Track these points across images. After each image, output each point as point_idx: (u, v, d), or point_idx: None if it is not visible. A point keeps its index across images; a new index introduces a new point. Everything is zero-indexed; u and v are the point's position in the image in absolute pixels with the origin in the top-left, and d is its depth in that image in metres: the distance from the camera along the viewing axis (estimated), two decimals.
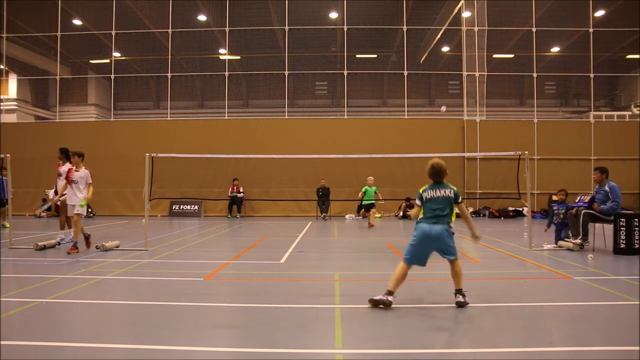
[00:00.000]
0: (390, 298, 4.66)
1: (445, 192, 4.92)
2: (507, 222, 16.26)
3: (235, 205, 18.59)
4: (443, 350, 3.67)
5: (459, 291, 4.84)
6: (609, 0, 19.95)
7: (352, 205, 18.60)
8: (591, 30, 19.34)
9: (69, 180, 8.75)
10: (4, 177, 13.20)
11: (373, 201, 14.54)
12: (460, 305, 4.74)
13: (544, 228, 9.88)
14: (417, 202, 5.08)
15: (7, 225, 13.23)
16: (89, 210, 18.35)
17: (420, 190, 5.05)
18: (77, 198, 8.60)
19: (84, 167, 8.79)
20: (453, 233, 4.94)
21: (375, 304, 4.66)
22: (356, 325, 4.29)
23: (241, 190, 18.58)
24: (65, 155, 9.76)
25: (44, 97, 25.94)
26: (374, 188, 14.54)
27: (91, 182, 8.80)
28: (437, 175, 4.99)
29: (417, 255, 4.91)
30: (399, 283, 4.79)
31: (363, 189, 14.49)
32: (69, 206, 8.88)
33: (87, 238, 8.95)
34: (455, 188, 5.02)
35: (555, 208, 9.63)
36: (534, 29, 19.49)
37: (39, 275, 6.50)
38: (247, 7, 21.27)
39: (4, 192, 13.30)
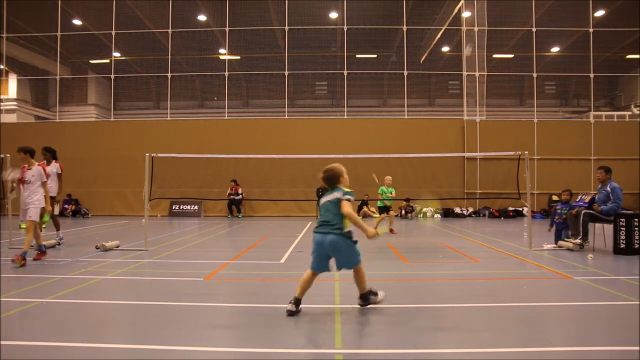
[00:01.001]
0: (293, 308, 4.43)
1: (332, 196, 4.51)
2: (507, 222, 16.26)
3: (234, 205, 18.60)
4: (443, 350, 3.67)
5: (362, 296, 4.67)
6: (609, 0, 19.95)
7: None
8: (591, 30, 19.34)
9: (22, 181, 7.82)
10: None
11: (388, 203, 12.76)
12: (362, 305, 4.66)
13: (548, 228, 9.84)
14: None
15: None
16: (84, 211, 18.38)
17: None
18: (32, 200, 7.64)
19: (37, 164, 7.94)
20: (353, 240, 4.50)
21: (289, 314, 4.42)
22: (356, 325, 4.29)
23: (240, 191, 18.58)
24: (52, 154, 9.69)
25: (44, 97, 25.95)
26: (390, 189, 12.83)
27: (46, 180, 7.84)
28: (329, 181, 4.64)
29: (319, 262, 4.54)
30: (304, 290, 4.55)
31: (379, 190, 12.84)
32: (22, 210, 7.78)
33: (42, 251, 7.86)
34: (347, 190, 4.58)
35: (558, 208, 9.62)
36: (534, 29, 19.49)
37: (39, 275, 6.50)
38: (247, 7, 21.28)
39: None
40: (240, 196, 18.59)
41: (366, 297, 4.70)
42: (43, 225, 9.16)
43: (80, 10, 21.47)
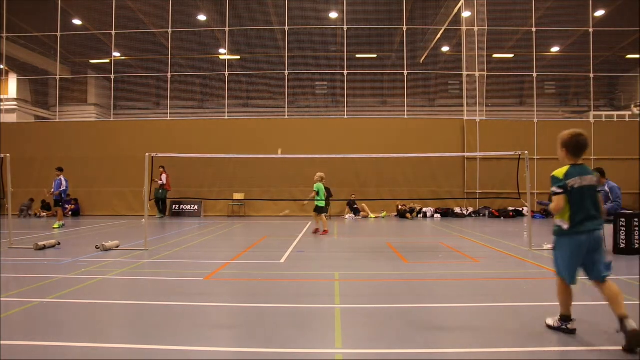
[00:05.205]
0: None
1: None
2: (507, 222, 16.25)
3: (162, 201, 17.85)
4: (443, 350, 3.67)
5: None
6: (609, 0, 19.95)
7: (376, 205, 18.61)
8: (591, 30, 19.34)
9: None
10: (60, 178, 13.40)
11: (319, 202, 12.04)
12: None
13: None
14: None
15: (56, 226, 13.35)
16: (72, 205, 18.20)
17: None
18: None
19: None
20: None
21: None
22: (356, 325, 4.29)
23: (163, 179, 17.66)
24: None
25: (44, 97, 25.97)
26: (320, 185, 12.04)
27: None
28: None
29: None
30: None
31: (317, 187, 11.93)
32: None
33: None
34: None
35: None
36: (534, 29, 19.49)
37: (39, 275, 6.50)
38: (247, 7, 21.27)
39: (62, 192, 13.53)
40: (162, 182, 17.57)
41: None
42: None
43: (80, 10, 21.47)
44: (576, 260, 3.86)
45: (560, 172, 3.88)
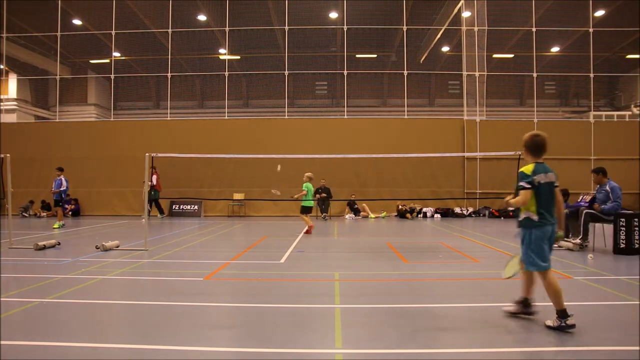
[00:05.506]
0: None
1: None
2: (507, 222, 16.25)
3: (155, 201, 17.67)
4: (443, 350, 3.67)
5: None
6: (609, 0, 19.95)
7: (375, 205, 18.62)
8: (591, 30, 19.34)
9: None
10: (60, 178, 13.42)
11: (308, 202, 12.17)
12: None
13: None
14: None
15: (56, 226, 13.37)
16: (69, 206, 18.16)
17: None
18: None
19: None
20: None
21: None
22: (356, 325, 4.29)
23: (153, 181, 17.14)
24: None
25: (44, 97, 25.97)
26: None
27: None
28: None
29: None
30: None
31: (306, 187, 12.11)
32: None
33: None
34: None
35: None
36: (534, 29, 19.48)
37: (39, 275, 6.50)
38: (247, 7, 21.27)
39: (62, 192, 13.55)
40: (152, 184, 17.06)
41: None
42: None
43: (80, 10, 21.47)
44: (546, 247, 4.15)
45: (527, 169, 4.19)
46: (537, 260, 4.11)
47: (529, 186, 4.11)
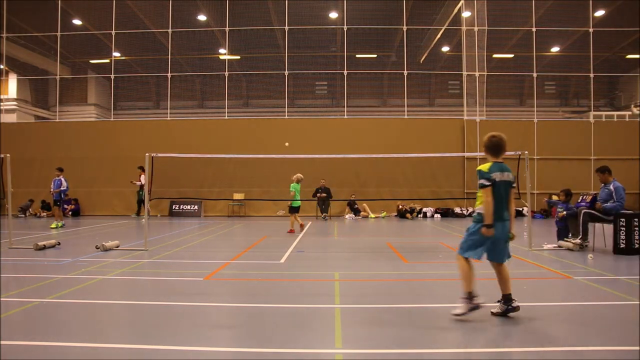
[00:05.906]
0: None
1: None
2: None
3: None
4: (443, 350, 3.67)
5: None
6: (609, 0, 19.94)
7: (375, 205, 18.61)
8: (591, 30, 19.34)
9: None
10: (60, 178, 13.44)
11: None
12: None
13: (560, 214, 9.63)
14: None
15: (54, 226, 13.37)
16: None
17: None
18: None
19: None
20: None
21: None
22: (356, 325, 4.29)
23: (142, 180, 17.04)
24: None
25: (44, 97, 25.95)
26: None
27: None
28: None
29: None
30: None
31: (294, 187, 12.42)
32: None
33: None
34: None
35: (560, 207, 9.62)
36: (534, 29, 19.48)
37: (39, 275, 6.50)
38: (247, 7, 21.27)
39: (61, 192, 13.59)
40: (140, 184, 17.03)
41: None
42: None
43: (80, 10, 21.47)
44: (486, 243, 4.38)
45: (484, 167, 4.39)
46: (465, 246, 4.43)
47: (488, 183, 4.28)
